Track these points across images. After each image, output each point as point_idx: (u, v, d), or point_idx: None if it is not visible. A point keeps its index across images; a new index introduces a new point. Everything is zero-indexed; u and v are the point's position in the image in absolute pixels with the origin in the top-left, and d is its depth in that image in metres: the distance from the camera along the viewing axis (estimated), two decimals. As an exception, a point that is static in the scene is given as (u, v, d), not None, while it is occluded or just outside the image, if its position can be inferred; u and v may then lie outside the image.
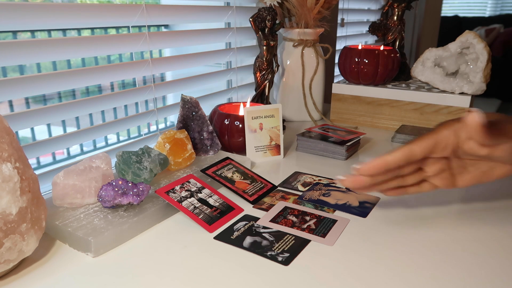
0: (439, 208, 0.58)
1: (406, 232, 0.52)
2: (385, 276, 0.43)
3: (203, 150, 0.71)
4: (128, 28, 0.77)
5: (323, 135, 0.79)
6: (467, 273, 0.44)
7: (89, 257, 0.46)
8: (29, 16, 0.59)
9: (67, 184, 0.52)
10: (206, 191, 0.58)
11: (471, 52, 0.85)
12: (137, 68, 0.76)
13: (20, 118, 0.61)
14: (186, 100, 0.71)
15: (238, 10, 0.97)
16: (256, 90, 0.92)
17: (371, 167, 0.48)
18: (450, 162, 0.51)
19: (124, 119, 0.76)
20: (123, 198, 0.50)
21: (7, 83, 0.58)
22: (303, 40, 0.95)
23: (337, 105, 0.99)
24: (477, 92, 0.85)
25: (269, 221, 0.54)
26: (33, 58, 0.61)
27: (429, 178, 0.52)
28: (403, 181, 0.52)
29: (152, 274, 0.44)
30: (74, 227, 0.48)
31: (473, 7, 4.64)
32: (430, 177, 0.52)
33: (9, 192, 0.40)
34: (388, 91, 0.93)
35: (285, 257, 0.46)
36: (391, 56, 0.93)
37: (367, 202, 0.59)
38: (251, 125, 0.73)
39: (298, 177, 0.68)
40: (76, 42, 0.66)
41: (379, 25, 1.08)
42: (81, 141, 0.70)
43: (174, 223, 0.54)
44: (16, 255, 0.41)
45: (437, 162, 0.51)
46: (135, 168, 0.57)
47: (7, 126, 0.42)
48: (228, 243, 0.49)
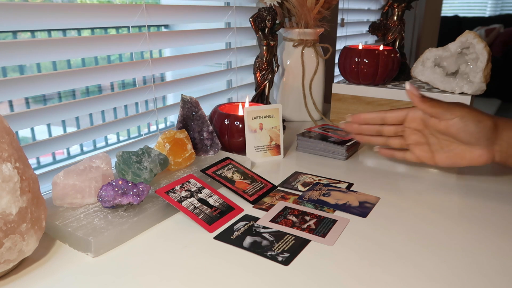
0: (439, 208, 0.58)
1: (406, 232, 0.52)
2: (385, 276, 0.43)
3: (203, 150, 0.71)
4: (128, 28, 0.77)
5: (323, 135, 0.79)
6: (467, 273, 0.44)
7: (89, 257, 0.46)
8: (29, 16, 0.59)
9: (67, 184, 0.52)
10: (206, 191, 0.58)
11: (471, 52, 0.85)
12: (137, 68, 0.76)
13: (20, 118, 0.61)
14: (186, 100, 0.71)
15: (238, 10, 0.97)
16: (256, 90, 0.92)
17: (356, 116, 0.67)
18: (427, 137, 0.64)
19: (124, 119, 0.76)
20: (123, 198, 0.50)
21: (7, 83, 0.58)
22: (303, 40, 0.95)
23: (337, 105, 0.99)
24: (477, 92, 0.85)
25: (269, 221, 0.54)
26: (33, 58, 0.61)
27: (410, 147, 0.66)
28: (387, 141, 0.68)
29: (152, 274, 0.44)
30: (74, 227, 0.48)
31: (473, 7, 4.64)
32: (411, 147, 0.66)
33: (9, 192, 0.40)
34: (388, 91, 0.93)
35: (285, 257, 0.46)
36: (391, 56, 0.93)
37: (367, 202, 0.59)
38: (251, 125, 0.73)
39: (298, 177, 0.68)
40: (76, 42, 0.66)
41: (379, 25, 1.08)
42: (81, 141, 0.70)
43: (174, 223, 0.54)
44: (16, 255, 0.41)
45: (414, 133, 0.65)
46: (135, 168, 0.57)
47: (7, 126, 0.42)
48: (228, 243, 0.49)
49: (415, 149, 0.65)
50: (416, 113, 0.63)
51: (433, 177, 0.69)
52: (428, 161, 0.64)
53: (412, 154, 0.66)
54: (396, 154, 0.68)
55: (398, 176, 0.70)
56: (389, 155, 0.68)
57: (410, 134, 0.65)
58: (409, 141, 0.65)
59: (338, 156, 0.76)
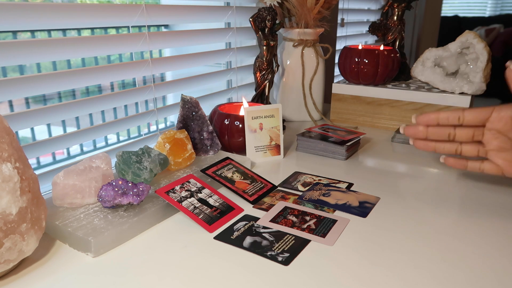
0: (439, 208, 0.58)
1: (406, 232, 0.52)
2: (385, 276, 0.43)
3: (203, 150, 0.71)
4: (128, 28, 0.77)
5: (323, 135, 0.79)
6: (467, 273, 0.44)
7: (89, 257, 0.46)
8: (29, 16, 0.59)
9: (67, 184, 0.52)
10: (206, 191, 0.58)
11: (471, 52, 0.85)
12: (137, 68, 0.76)
13: (20, 118, 0.61)
14: (186, 100, 0.71)
15: (238, 10, 0.97)
16: (256, 90, 0.92)
17: (425, 116, 0.55)
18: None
19: (124, 119, 0.76)
20: (123, 198, 0.50)
21: (7, 83, 0.58)
22: (303, 40, 0.95)
23: (337, 105, 0.99)
24: (477, 92, 0.85)
25: (269, 221, 0.54)
26: (33, 58, 0.61)
27: (490, 155, 0.54)
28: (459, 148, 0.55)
29: (152, 274, 0.44)
30: (74, 227, 0.48)
31: (473, 7, 4.64)
32: (491, 154, 0.54)
33: (9, 192, 0.40)
34: (388, 91, 0.93)
35: (285, 257, 0.46)
36: (391, 56, 0.93)
37: (367, 202, 0.59)
38: (251, 125, 0.73)
39: (298, 177, 0.68)
40: (76, 42, 0.66)
41: (379, 25, 1.08)
42: (81, 141, 0.70)
43: (174, 223, 0.54)
44: (16, 255, 0.41)
45: (496, 137, 0.53)
46: (135, 168, 0.57)
47: (7, 126, 0.42)
48: (228, 243, 0.49)
49: (496, 157, 0.53)
50: (504, 111, 0.51)
51: (433, 177, 0.69)
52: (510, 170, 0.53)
53: (492, 164, 0.54)
54: (470, 164, 0.56)
55: (398, 176, 0.70)
56: (461, 167, 0.56)
57: (492, 138, 0.53)
58: (489, 146, 0.54)
59: (338, 156, 0.76)
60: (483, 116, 0.53)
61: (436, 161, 0.75)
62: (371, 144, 0.85)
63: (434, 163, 0.75)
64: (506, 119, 0.52)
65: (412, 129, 0.55)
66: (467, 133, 0.54)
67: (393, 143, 0.86)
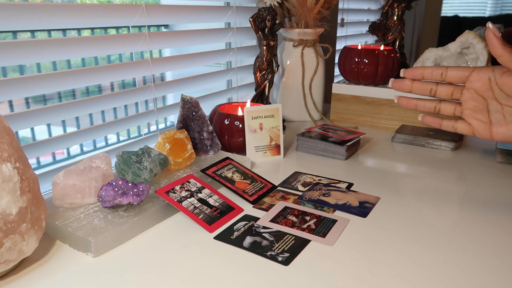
0: (439, 208, 0.58)
1: (406, 231, 0.52)
2: (385, 276, 0.43)
3: (203, 150, 0.71)
4: (128, 28, 0.77)
5: (323, 135, 0.79)
6: (467, 273, 0.44)
7: (89, 257, 0.46)
8: (29, 16, 0.59)
9: (67, 184, 0.52)
10: (206, 191, 0.58)
11: (471, 52, 0.85)
12: (137, 68, 0.76)
13: (20, 118, 0.61)
14: (186, 100, 0.71)
15: (238, 10, 0.97)
16: (256, 90, 0.92)
17: (412, 69, 0.57)
18: (488, 103, 0.54)
19: (124, 119, 0.76)
20: (123, 198, 0.50)
21: (7, 83, 0.58)
22: (303, 40, 0.95)
23: (337, 105, 0.99)
24: (477, 92, 0.85)
25: (269, 221, 0.54)
26: (33, 58, 0.61)
27: (465, 115, 0.56)
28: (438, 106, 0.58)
29: (152, 274, 0.44)
30: (74, 227, 0.48)
31: (473, 7, 4.64)
32: (466, 114, 0.55)
33: (9, 192, 0.40)
34: (388, 91, 0.93)
35: (285, 257, 0.46)
36: (391, 56, 0.93)
37: (367, 202, 0.59)
38: (251, 125, 0.73)
39: (298, 177, 0.68)
40: (76, 42, 0.66)
41: (379, 25, 1.08)
42: (81, 141, 0.70)
43: (174, 223, 0.54)
44: (16, 255, 0.41)
45: (473, 97, 0.54)
46: (135, 168, 0.57)
47: (7, 126, 0.42)
48: (228, 243, 0.49)
49: (470, 117, 0.55)
50: (483, 71, 0.53)
51: (433, 177, 0.69)
52: (483, 133, 0.55)
53: (465, 124, 0.56)
54: (445, 123, 0.58)
55: (398, 176, 0.70)
56: (435, 125, 0.59)
57: (469, 98, 0.55)
58: (466, 105, 0.55)
59: (338, 156, 0.76)
60: (464, 75, 0.55)
61: (436, 161, 0.76)
62: (371, 144, 0.85)
63: (434, 163, 0.75)
64: (484, 79, 0.53)
65: (399, 83, 0.58)
66: (447, 89, 0.56)
67: (393, 143, 0.86)
